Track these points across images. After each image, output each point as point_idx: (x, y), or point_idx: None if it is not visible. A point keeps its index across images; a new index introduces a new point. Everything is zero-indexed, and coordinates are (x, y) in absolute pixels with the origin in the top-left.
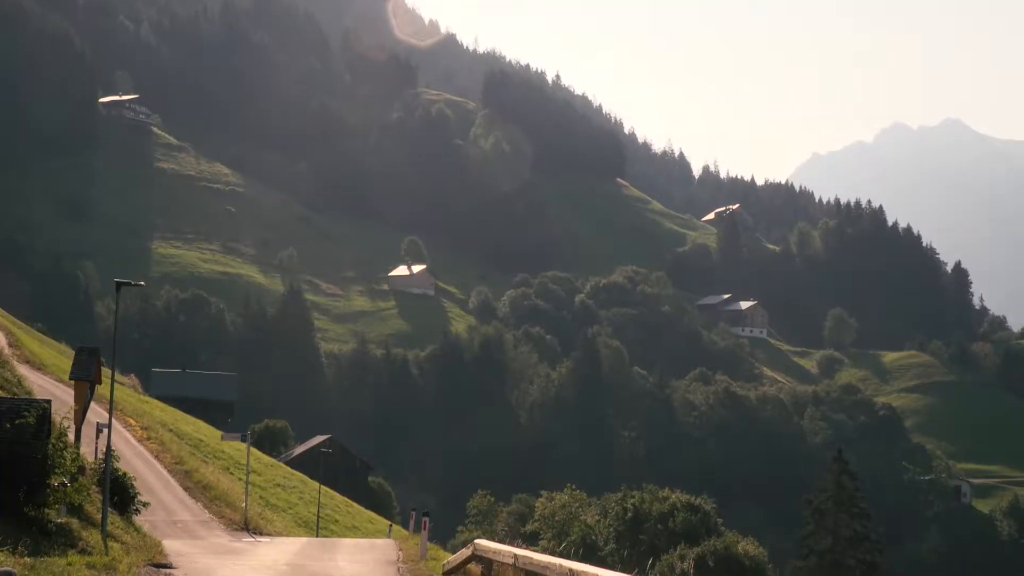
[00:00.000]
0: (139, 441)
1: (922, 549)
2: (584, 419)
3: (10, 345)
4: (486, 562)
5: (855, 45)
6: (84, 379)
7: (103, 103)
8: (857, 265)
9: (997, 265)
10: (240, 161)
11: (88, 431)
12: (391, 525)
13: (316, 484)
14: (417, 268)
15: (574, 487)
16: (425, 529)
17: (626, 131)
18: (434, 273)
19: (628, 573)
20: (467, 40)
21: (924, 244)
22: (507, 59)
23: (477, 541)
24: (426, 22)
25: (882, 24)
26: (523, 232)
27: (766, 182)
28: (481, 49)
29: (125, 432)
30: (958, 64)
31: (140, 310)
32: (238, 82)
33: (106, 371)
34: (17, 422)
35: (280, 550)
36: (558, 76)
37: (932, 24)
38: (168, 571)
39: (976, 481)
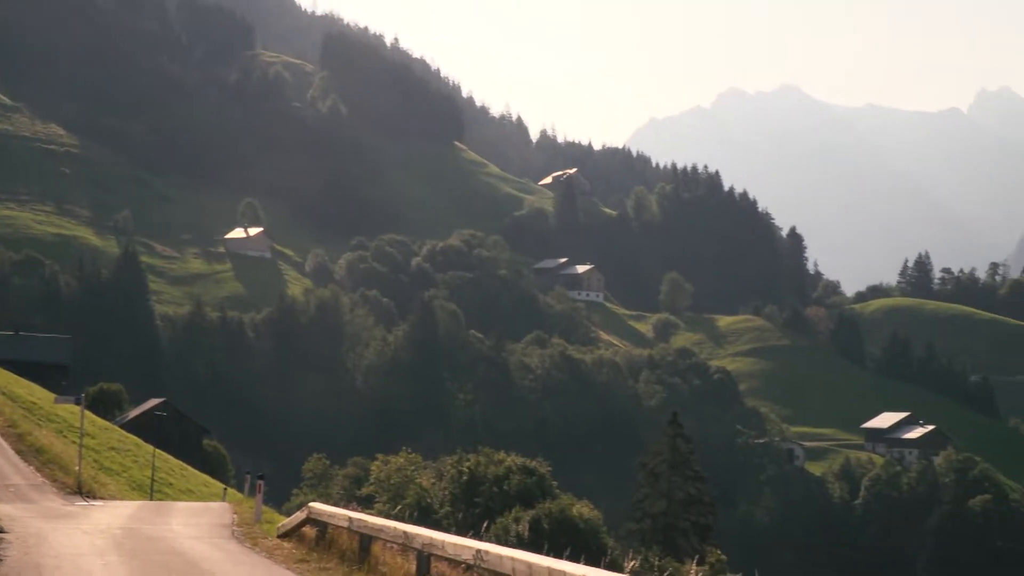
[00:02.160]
0: None
1: (755, 511)
2: (420, 382)
3: None
4: (321, 525)
5: (692, 10)
6: None
7: None
8: (693, 230)
9: (832, 230)
10: (75, 122)
11: None
12: (226, 489)
13: (150, 448)
14: (254, 231)
15: (410, 450)
16: (260, 492)
17: (464, 95)
18: (271, 236)
19: (463, 535)
20: (305, 2)
21: (760, 209)
22: (345, 21)
23: (312, 504)
24: None
25: None
26: (360, 195)
27: (604, 147)
28: (320, 11)
29: None
30: (794, 30)
31: None
32: (73, 42)
33: None
34: None
35: (114, 514)
36: (397, 39)
37: None
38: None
39: (808, 444)
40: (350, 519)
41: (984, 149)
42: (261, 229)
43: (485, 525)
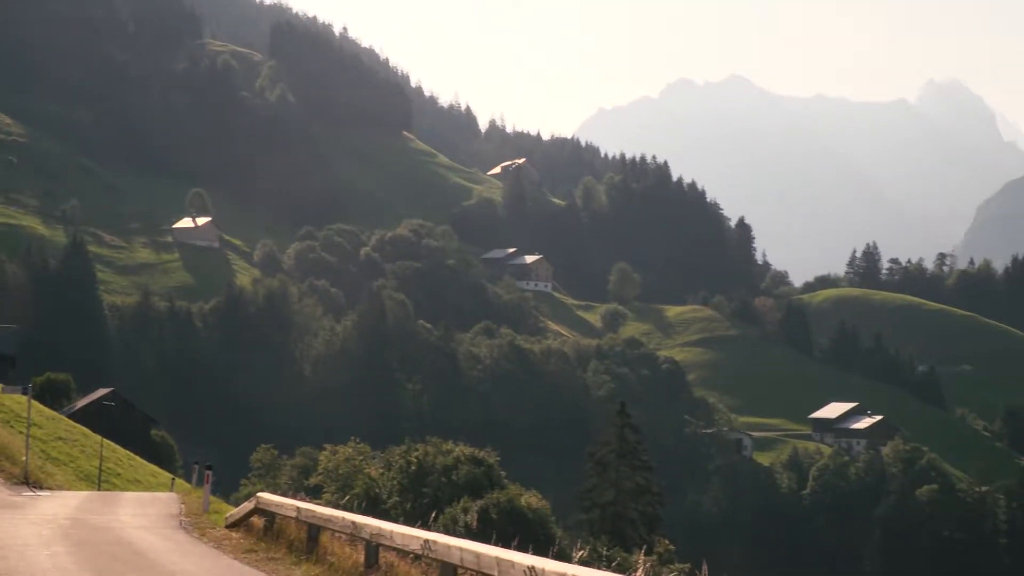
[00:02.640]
0: None
1: (703, 501)
2: (369, 372)
3: None
4: (269, 515)
5: (641, 1)
6: None
7: None
8: (641, 220)
9: (780, 220)
10: (22, 111)
11: None
12: (174, 479)
13: (98, 437)
14: (202, 220)
15: (358, 440)
16: (208, 483)
17: (413, 85)
18: (219, 225)
19: (411, 526)
20: None
21: (709, 200)
22: (294, 10)
23: (260, 494)
24: None
25: None
26: (309, 185)
27: (552, 137)
28: (268, 0)
29: None
30: (743, 21)
31: None
32: (18, 30)
33: None
34: None
35: (61, 504)
36: (345, 28)
37: None
38: None
39: (756, 434)
40: (298, 509)
41: (932, 140)
42: (209, 219)
43: (433, 515)
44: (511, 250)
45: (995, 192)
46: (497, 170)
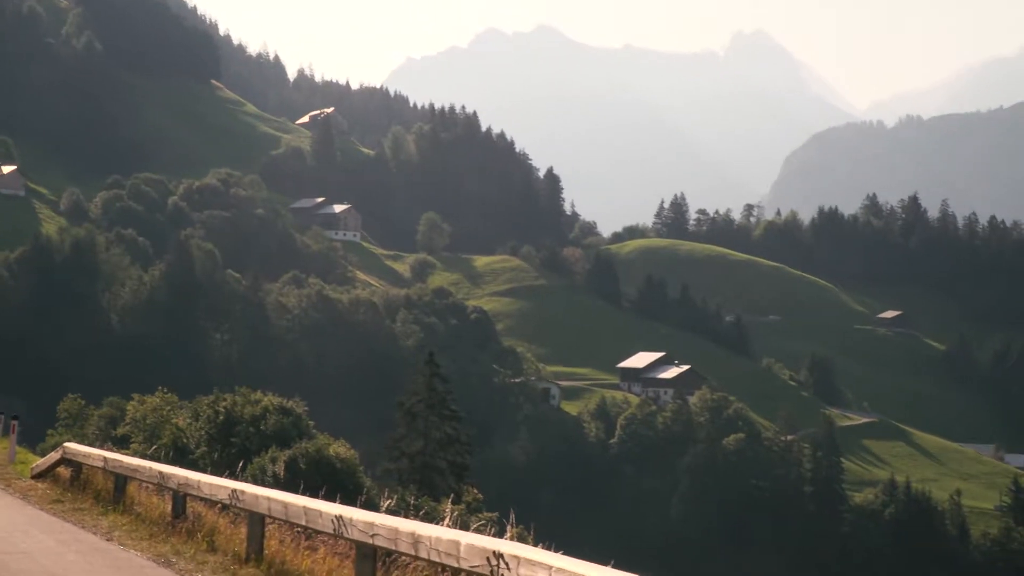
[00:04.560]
0: None
1: (512, 450)
2: (176, 322)
3: None
4: (76, 465)
5: None
6: None
7: None
8: (451, 170)
9: (590, 171)
10: None
11: None
12: None
13: None
14: (7, 169)
15: (166, 390)
16: (14, 433)
17: (221, 33)
18: (24, 174)
19: (219, 476)
20: None
21: (518, 150)
22: None
23: (66, 444)
24: None
25: None
26: (116, 134)
27: (361, 86)
28: None
29: None
30: None
31: None
32: None
33: None
34: None
35: None
36: None
37: None
38: None
39: (565, 383)
40: (105, 459)
41: (739, 92)
42: (15, 167)
43: (241, 465)
44: (319, 200)
45: (802, 144)
46: (306, 119)
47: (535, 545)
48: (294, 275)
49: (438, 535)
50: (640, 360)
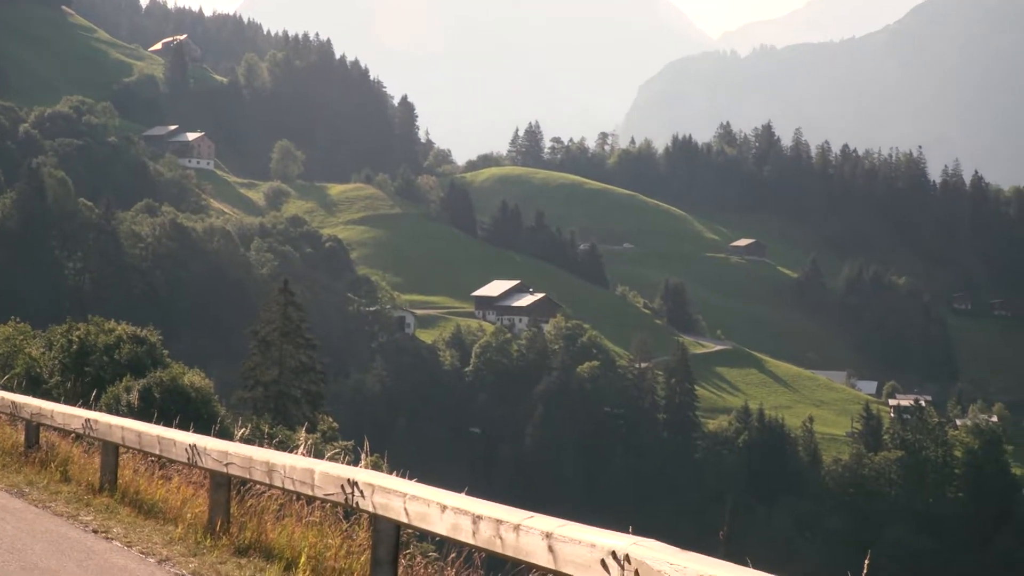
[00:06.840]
0: None
1: (367, 379)
2: (28, 251)
3: None
4: None
5: None
6: None
7: None
8: (304, 98)
9: (444, 100)
10: None
11: None
12: None
13: None
14: None
15: (18, 319)
16: None
17: None
18: None
19: (72, 405)
20: None
21: (372, 78)
22: None
23: None
24: None
25: None
26: None
27: (214, 13)
28: None
29: None
30: None
31: None
32: None
33: None
34: None
35: None
36: None
37: None
38: None
39: (420, 312)
40: None
41: (596, 18)
42: None
43: (95, 394)
44: (172, 127)
45: (656, 73)
46: (158, 46)
47: (390, 473)
48: (147, 203)
49: (292, 463)
50: (495, 288)
